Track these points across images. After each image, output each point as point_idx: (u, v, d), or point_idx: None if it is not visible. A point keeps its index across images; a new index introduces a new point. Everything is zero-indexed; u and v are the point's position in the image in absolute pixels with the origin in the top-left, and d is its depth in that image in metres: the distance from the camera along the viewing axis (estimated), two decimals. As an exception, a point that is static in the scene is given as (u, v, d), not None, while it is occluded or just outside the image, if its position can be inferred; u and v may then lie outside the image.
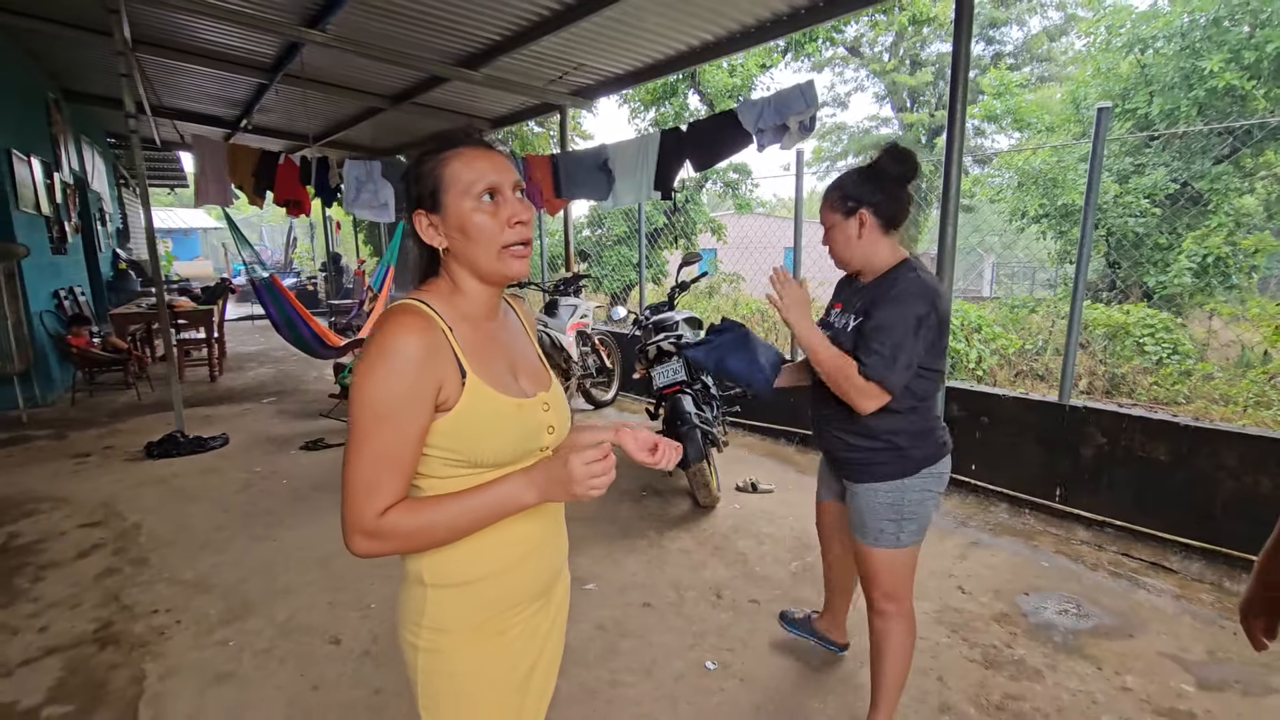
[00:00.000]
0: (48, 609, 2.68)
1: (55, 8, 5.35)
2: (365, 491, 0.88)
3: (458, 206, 0.94)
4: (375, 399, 0.86)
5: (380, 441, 0.87)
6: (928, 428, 1.80)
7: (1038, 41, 19.44)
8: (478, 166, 0.95)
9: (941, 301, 1.69)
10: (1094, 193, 3.36)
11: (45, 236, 6.50)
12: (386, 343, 0.87)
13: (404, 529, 0.89)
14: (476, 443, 0.94)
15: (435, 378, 0.90)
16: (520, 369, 1.05)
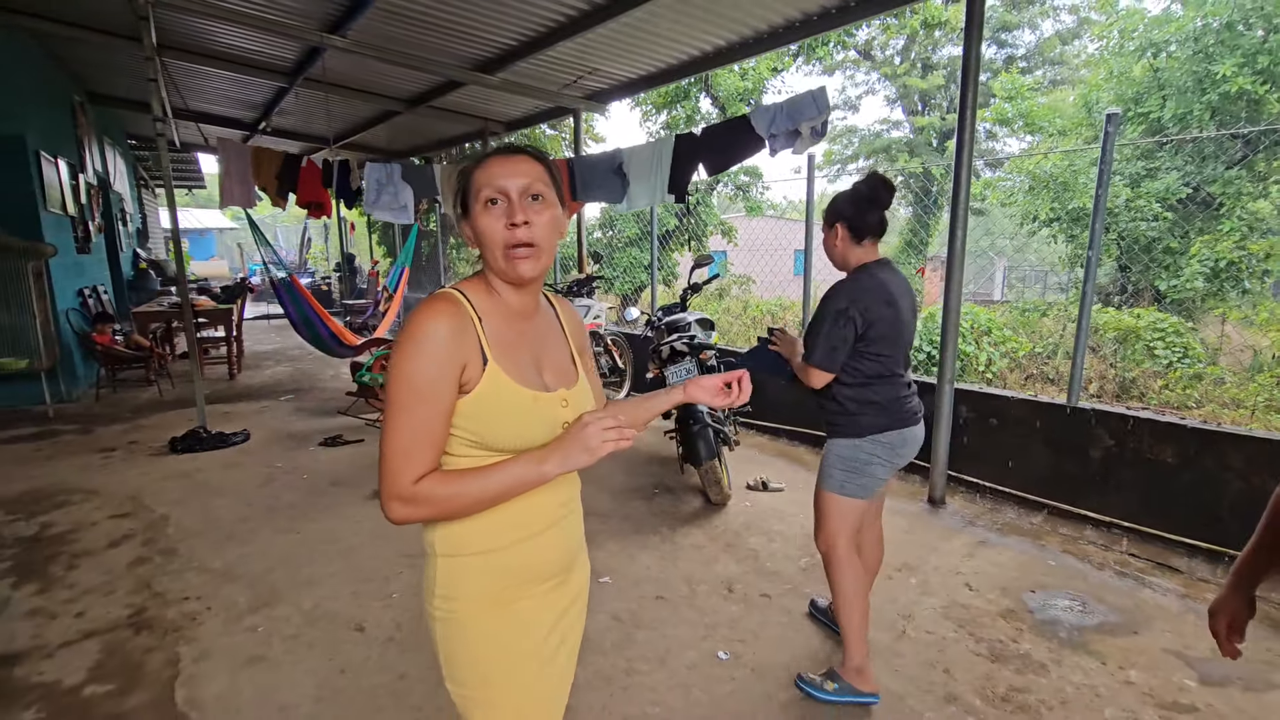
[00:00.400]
0: (83, 595, 2.78)
1: (83, 14, 5.50)
2: (402, 459, 0.96)
3: (474, 212, 1.03)
4: (410, 375, 0.95)
5: (415, 415, 0.95)
6: (876, 401, 2.12)
7: (1050, 45, 19.39)
8: (491, 172, 1.02)
9: (866, 299, 2.05)
10: (1103, 197, 3.40)
11: (71, 236, 6.65)
12: (420, 325, 0.96)
13: (438, 495, 0.97)
14: (491, 426, 1.01)
15: (460, 357, 0.98)
16: (546, 365, 1.11)
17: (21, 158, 5.61)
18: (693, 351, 3.86)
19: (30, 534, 3.36)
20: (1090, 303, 3.51)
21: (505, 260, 1.02)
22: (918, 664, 2.34)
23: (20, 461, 4.46)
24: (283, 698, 2.16)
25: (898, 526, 3.50)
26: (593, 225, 13.07)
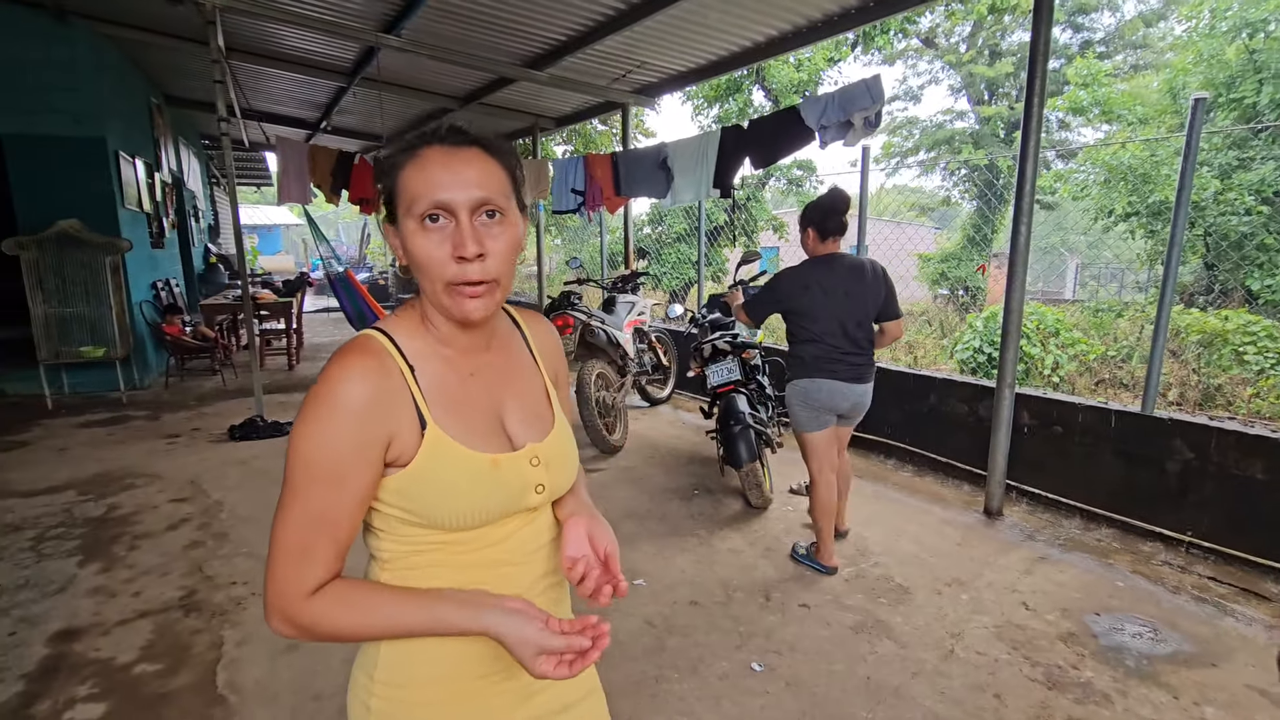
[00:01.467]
0: (141, 575, 2.91)
1: (157, 19, 5.77)
2: (294, 560, 0.73)
3: (403, 224, 0.77)
4: (308, 453, 0.72)
5: (313, 503, 0.73)
6: (802, 357, 2.92)
7: (1132, 27, 18.23)
8: (429, 176, 0.75)
9: (786, 283, 2.93)
10: (1186, 189, 3.13)
11: (146, 232, 7.03)
12: (326, 389, 0.73)
13: (328, 627, 0.74)
14: (436, 505, 0.78)
15: (383, 432, 0.75)
16: (511, 410, 0.87)
17: (102, 158, 5.94)
18: (735, 350, 3.77)
19: (98, 515, 3.54)
20: (1170, 302, 3.24)
21: (449, 297, 0.77)
22: (965, 687, 2.20)
23: (95, 444, 4.72)
24: (318, 686, 2.20)
25: (949, 537, 3.33)
26: (641, 221, 13.03)
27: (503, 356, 0.90)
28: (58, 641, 2.42)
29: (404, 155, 0.78)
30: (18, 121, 5.59)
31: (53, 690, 2.16)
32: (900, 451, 4.44)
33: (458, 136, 0.78)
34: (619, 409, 4.77)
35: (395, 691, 0.82)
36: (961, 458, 4.06)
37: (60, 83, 5.67)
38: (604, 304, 5.40)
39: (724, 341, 3.78)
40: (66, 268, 5.56)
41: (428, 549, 0.80)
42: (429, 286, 0.78)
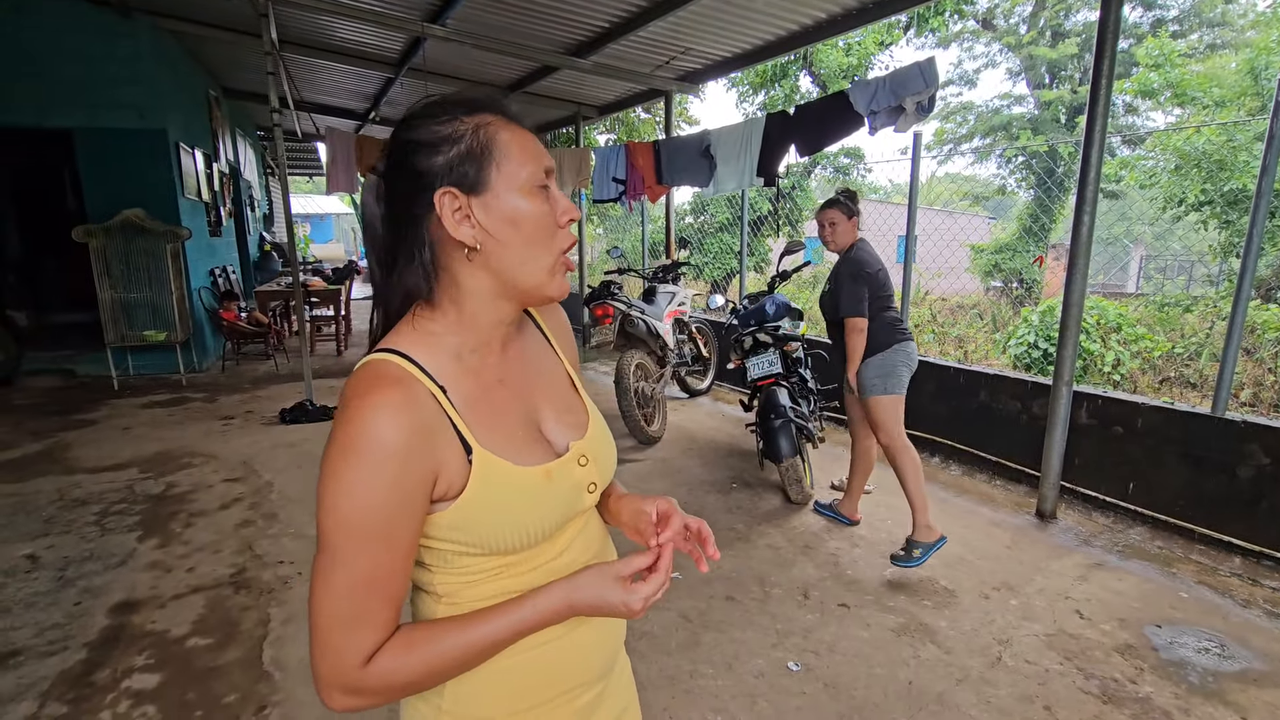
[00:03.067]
0: (195, 552, 3.02)
1: (214, 13, 5.95)
2: (344, 633, 0.64)
3: (509, 187, 0.69)
4: (348, 513, 0.63)
5: (360, 566, 0.64)
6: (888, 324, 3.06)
7: (1210, 4, 17.15)
8: (531, 145, 0.71)
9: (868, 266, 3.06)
10: (1270, 176, 2.92)
11: (204, 221, 7.29)
12: (354, 434, 0.63)
13: (401, 678, 0.66)
14: (494, 531, 0.71)
15: (427, 470, 0.67)
16: (547, 410, 0.80)
17: (163, 149, 6.17)
18: (777, 342, 3.69)
19: (157, 492, 3.70)
20: (1247, 297, 3.03)
21: (553, 272, 0.73)
22: (1014, 697, 2.12)
23: (156, 425, 4.94)
24: (357, 667, 2.24)
25: (999, 540, 3.21)
26: (683, 210, 12.92)
27: (522, 355, 0.82)
28: (117, 613, 2.54)
29: (488, 115, 0.70)
30: (86, 115, 5.85)
31: (112, 659, 2.27)
32: (946, 449, 4.29)
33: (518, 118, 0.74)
34: (658, 400, 4.75)
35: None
36: (1013, 457, 3.90)
37: (124, 77, 5.90)
38: (644, 294, 5.36)
39: (765, 334, 3.70)
40: (131, 255, 5.82)
41: (488, 576, 0.74)
42: (534, 260, 0.71)
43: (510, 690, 0.76)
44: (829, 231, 3.14)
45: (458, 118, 0.70)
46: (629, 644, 2.35)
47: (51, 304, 8.20)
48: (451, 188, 0.68)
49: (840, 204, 3.12)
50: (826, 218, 3.15)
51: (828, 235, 3.15)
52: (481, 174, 0.69)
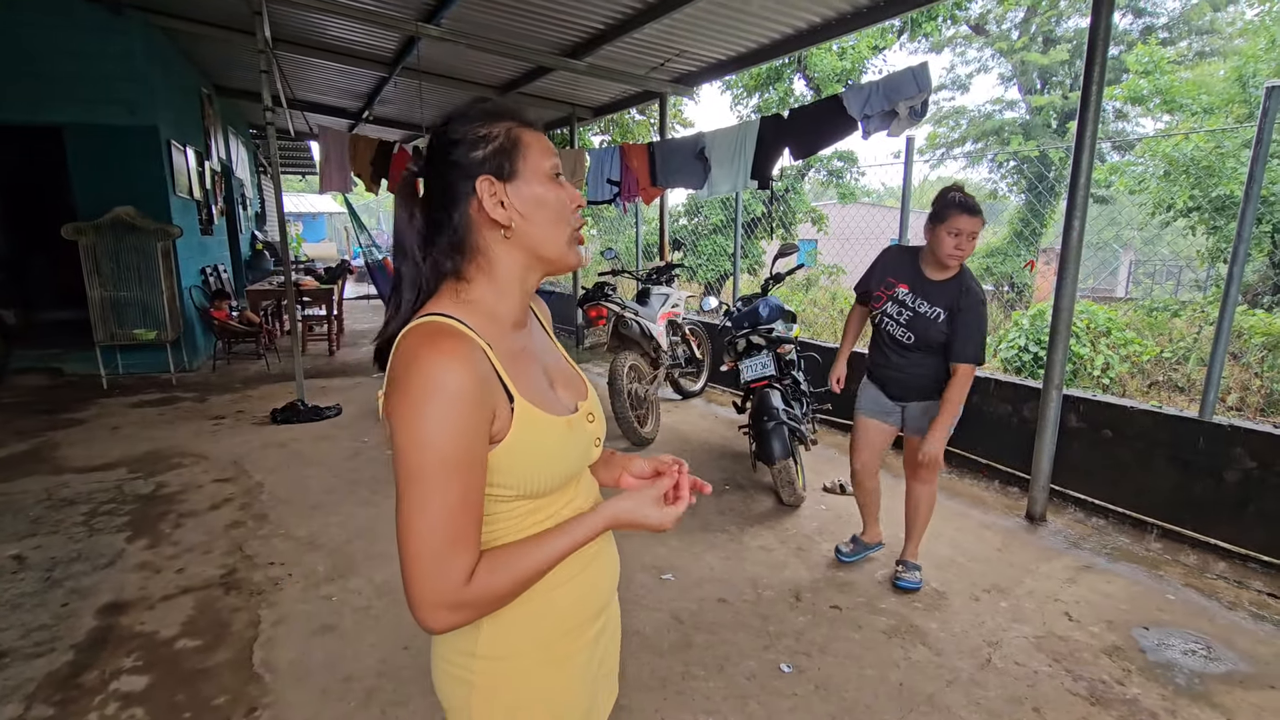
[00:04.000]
0: (185, 553, 3.00)
1: (207, 11, 5.92)
2: (445, 556, 0.73)
3: (535, 175, 0.84)
4: (439, 444, 0.72)
5: (453, 493, 0.73)
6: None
7: (1198, 11, 17.33)
8: (546, 144, 0.87)
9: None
10: (1257, 183, 2.95)
11: (195, 219, 7.25)
12: (434, 376, 0.73)
13: (495, 590, 0.77)
14: (531, 473, 0.83)
15: (490, 409, 0.77)
16: (556, 378, 0.94)
17: (155, 146, 6.13)
18: (770, 345, 3.70)
19: (147, 492, 3.67)
20: (1234, 302, 3.07)
21: (571, 245, 0.88)
22: (1003, 699, 2.13)
23: (146, 424, 4.90)
24: (348, 668, 2.24)
25: (989, 542, 3.23)
26: (677, 212, 12.94)
27: (531, 331, 0.96)
28: (106, 614, 2.52)
29: (507, 119, 0.85)
30: (77, 111, 5.81)
31: (100, 661, 2.25)
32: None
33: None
34: (651, 401, 4.75)
35: (497, 664, 0.86)
36: (1003, 460, 3.93)
37: (116, 73, 5.86)
38: (638, 295, 5.37)
39: (759, 336, 3.71)
40: (121, 253, 5.77)
41: (512, 521, 0.85)
42: (556, 234, 0.86)
43: (538, 627, 0.88)
44: (965, 245, 2.42)
45: (490, 122, 0.84)
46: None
47: (40, 301, 8.13)
48: (490, 175, 0.82)
49: (979, 212, 2.44)
50: (967, 228, 2.39)
51: (961, 249, 2.42)
52: (513, 165, 0.83)
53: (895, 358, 2.67)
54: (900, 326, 2.58)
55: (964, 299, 2.46)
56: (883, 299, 2.63)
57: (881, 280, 2.65)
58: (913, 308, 2.55)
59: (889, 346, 2.67)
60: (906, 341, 2.59)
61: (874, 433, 2.82)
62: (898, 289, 2.60)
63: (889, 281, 2.62)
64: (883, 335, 2.67)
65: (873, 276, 2.71)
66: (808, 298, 9.69)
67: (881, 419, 2.79)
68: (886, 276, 2.64)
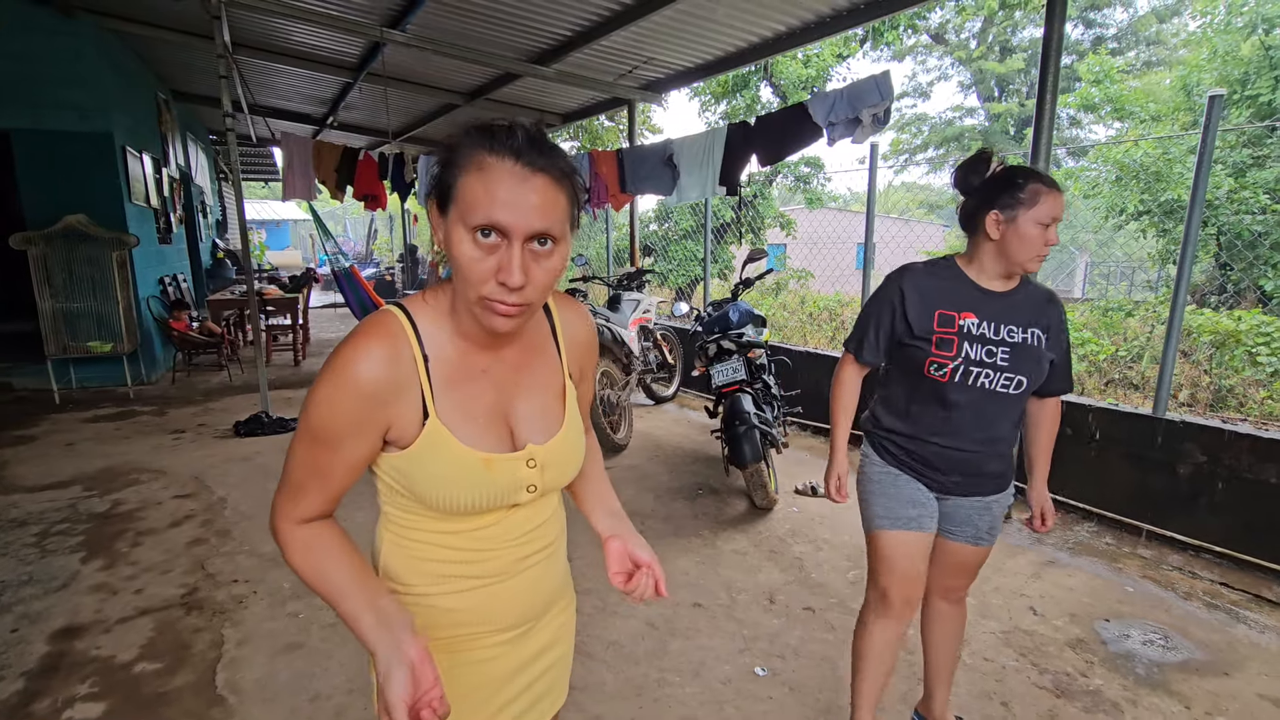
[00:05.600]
0: (143, 573, 2.90)
1: (163, 14, 5.76)
2: (291, 491, 0.84)
3: (454, 223, 0.75)
4: (313, 415, 0.79)
5: (310, 454, 0.82)
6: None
7: (1145, 23, 18.04)
8: (493, 191, 0.72)
9: None
10: (1201, 188, 3.08)
11: (153, 227, 7.04)
12: (340, 364, 0.78)
13: (294, 557, 0.84)
14: (426, 490, 0.84)
15: (382, 416, 0.80)
16: (520, 408, 0.89)
17: (108, 153, 5.94)
18: (740, 349, 3.73)
19: (102, 510, 3.54)
20: (1183, 302, 3.19)
21: (480, 309, 0.77)
22: (972, 695, 2.17)
23: (101, 439, 4.73)
24: (316, 686, 2.18)
25: (956, 540, 3.29)
26: (647, 218, 12.98)
27: (521, 352, 0.91)
28: (59, 639, 2.42)
29: (472, 155, 0.74)
30: (25, 116, 5.60)
31: (53, 688, 2.16)
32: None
33: (534, 157, 0.74)
34: (623, 407, 4.75)
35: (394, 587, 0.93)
36: (969, 459, 4.01)
37: (66, 77, 5.67)
38: (609, 301, 5.37)
39: (729, 341, 3.74)
40: (73, 263, 5.58)
41: (425, 526, 0.88)
42: (463, 291, 0.78)
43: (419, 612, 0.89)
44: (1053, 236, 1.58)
45: (461, 149, 0.76)
46: (595, 653, 2.34)
47: (-14, 314, 7.81)
48: (433, 197, 0.80)
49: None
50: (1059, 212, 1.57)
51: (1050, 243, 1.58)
52: (448, 199, 0.77)
53: (971, 424, 1.66)
54: (1001, 373, 1.61)
55: (1052, 308, 1.68)
56: (954, 344, 1.61)
57: (928, 315, 1.64)
58: (1009, 341, 1.62)
59: (960, 408, 1.65)
60: (1013, 391, 1.63)
61: (916, 550, 1.74)
62: (964, 321, 1.63)
63: (946, 315, 1.64)
64: (951, 394, 1.65)
65: (908, 314, 1.67)
66: (778, 302, 9.79)
67: (920, 526, 1.74)
68: (937, 309, 1.64)
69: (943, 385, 1.65)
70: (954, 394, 1.64)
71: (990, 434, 1.68)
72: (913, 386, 1.72)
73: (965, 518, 1.78)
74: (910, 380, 1.72)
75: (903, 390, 1.75)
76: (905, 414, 1.74)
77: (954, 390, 1.64)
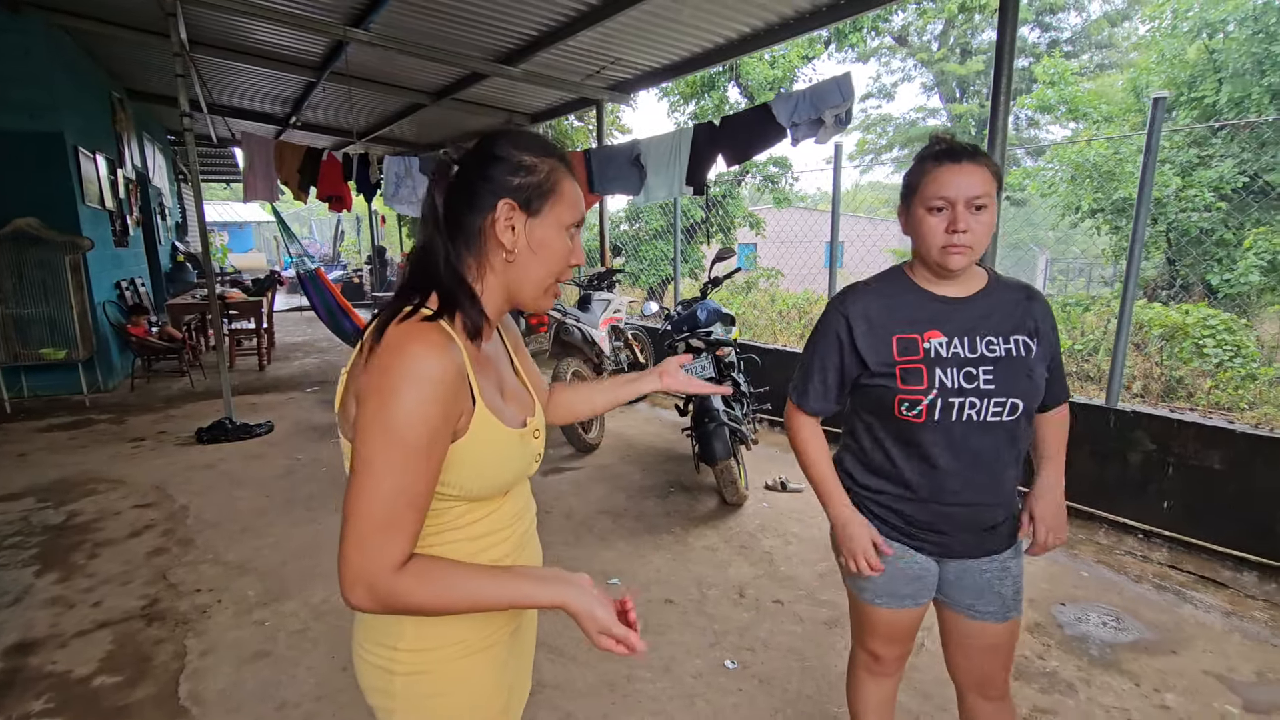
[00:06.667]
0: (101, 584, 2.83)
1: (116, 11, 5.61)
2: (384, 533, 0.76)
3: (553, 222, 0.89)
4: (408, 428, 0.75)
5: (406, 476, 0.76)
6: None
7: (1097, 27, 18.61)
8: (579, 195, 0.93)
9: None
10: (1148, 186, 3.20)
11: (109, 229, 6.83)
12: (418, 364, 0.77)
13: (416, 597, 0.78)
14: (475, 475, 0.86)
15: (460, 406, 0.82)
16: (507, 393, 0.97)
17: (60, 154, 5.75)
18: (709, 348, 3.77)
19: (57, 522, 3.44)
20: (1133, 298, 3.31)
21: (546, 293, 0.94)
22: (935, 681, 2.23)
23: (55, 449, 4.59)
24: (284, 694, 2.16)
25: (921, 531, 3.37)
26: (618, 218, 13.00)
27: (494, 344, 1.00)
28: (12, 655, 2.35)
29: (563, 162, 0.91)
30: (-31, 116, 5.40)
31: (5, 706, 2.09)
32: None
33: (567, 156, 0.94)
34: (595, 407, 4.75)
35: (419, 655, 0.89)
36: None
37: (14, 75, 5.48)
38: (579, 302, 5.37)
39: (697, 339, 3.78)
40: (24, 267, 5.40)
41: (450, 522, 0.89)
42: (536, 280, 0.91)
43: (459, 623, 0.90)
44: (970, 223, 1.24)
45: (539, 155, 0.89)
46: (566, 650, 2.35)
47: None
48: (514, 201, 0.87)
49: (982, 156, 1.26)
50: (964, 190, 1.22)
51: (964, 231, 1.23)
52: (541, 204, 0.88)
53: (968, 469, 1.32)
54: (988, 399, 1.28)
55: (1035, 305, 1.36)
56: (923, 373, 1.29)
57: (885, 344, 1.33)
58: (990, 356, 1.29)
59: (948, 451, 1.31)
60: (1008, 418, 1.29)
61: (913, 622, 1.50)
62: (930, 342, 1.31)
63: (907, 340, 1.32)
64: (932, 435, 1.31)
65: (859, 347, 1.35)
66: (748, 300, 9.89)
67: (917, 602, 1.46)
68: (895, 334, 1.33)
69: (919, 427, 1.30)
70: (937, 434, 1.30)
71: (993, 476, 1.34)
72: (886, 434, 1.37)
73: (985, 585, 1.41)
74: (882, 427, 1.38)
75: (874, 440, 1.41)
76: (884, 469, 1.39)
77: (935, 431, 1.30)
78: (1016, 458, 1.37)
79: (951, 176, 1.22)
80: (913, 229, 1.31)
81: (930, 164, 1.26)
